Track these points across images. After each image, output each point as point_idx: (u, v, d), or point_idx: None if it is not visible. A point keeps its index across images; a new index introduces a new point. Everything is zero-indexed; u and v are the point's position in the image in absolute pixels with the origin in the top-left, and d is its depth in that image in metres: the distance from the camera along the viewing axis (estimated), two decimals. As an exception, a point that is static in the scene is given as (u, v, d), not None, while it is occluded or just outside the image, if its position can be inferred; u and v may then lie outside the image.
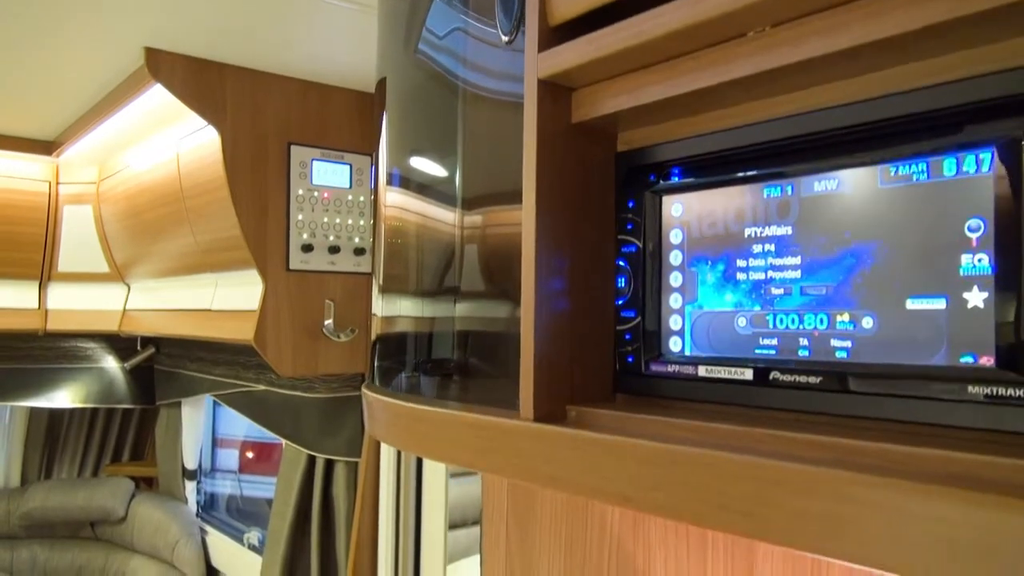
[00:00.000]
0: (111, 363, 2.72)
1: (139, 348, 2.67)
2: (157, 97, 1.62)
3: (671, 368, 0.46)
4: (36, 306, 2.32)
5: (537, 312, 0.51)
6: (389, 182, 0.89)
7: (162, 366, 2.71)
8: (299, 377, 1.94)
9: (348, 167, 1.72)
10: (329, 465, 1.87)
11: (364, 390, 0.73)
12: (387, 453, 1.73)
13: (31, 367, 2.60)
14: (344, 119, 1.70)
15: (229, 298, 1.75)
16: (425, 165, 0.85)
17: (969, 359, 0.35)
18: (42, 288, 2.33)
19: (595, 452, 0.44)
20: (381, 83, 0.95)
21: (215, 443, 4.25)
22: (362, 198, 1.73)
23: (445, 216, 0.77)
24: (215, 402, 4.33)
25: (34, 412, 2.84)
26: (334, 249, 1.68)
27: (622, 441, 0.42)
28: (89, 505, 2.61)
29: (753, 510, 0.36)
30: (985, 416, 0.34)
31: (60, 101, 1.82)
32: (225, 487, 3.03)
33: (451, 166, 0.72)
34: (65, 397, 2.63)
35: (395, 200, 0.74)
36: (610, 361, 0.51)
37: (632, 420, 0.46)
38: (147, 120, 1.87)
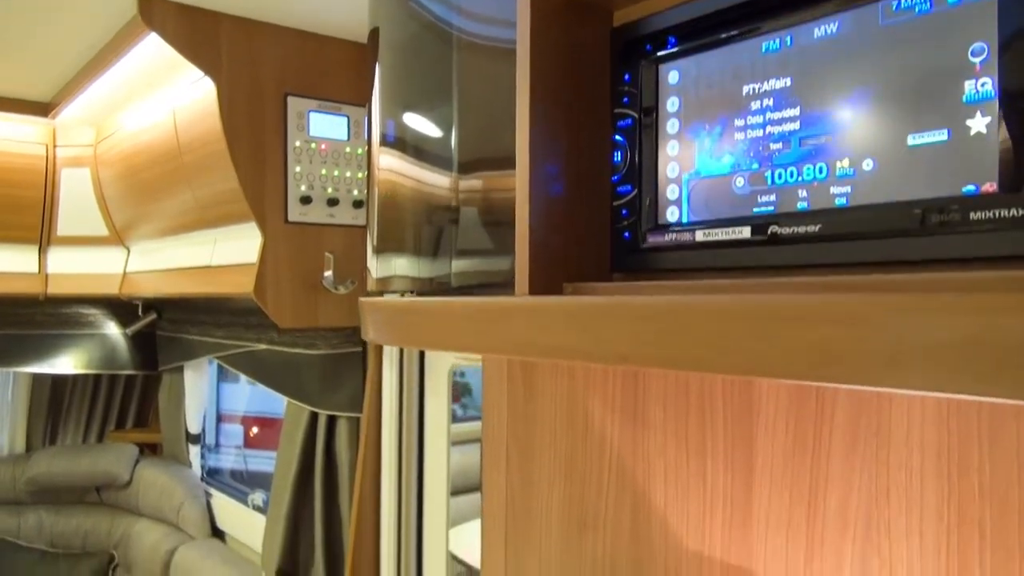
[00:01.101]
0: (113, 329, 2.73)
1: (140, 314, 2.67)
2: (152, 49, 1.60)
3: (669, 237, 0.45)
4: (36, 270, 2.31)
5: (532, 192, 0.50)
6: (383, 138, 0.87)
7: (164, 331, 2.71)
8: (299, 331, 1.94)
9: (346, 119, 1.70)
10: (331, 421, 1.87)
11: (361, 300, 0.73)
12: (389, 407, 1.73)
13: (33, 333, 2.60)
14: (341, 70, 1.69)
15: (228, 253, 1.74)
16: (419, 121, 0.84)
17: (971, 188, 0.34)
18: (42, 252, 2.33)
19: (591, 316, 0.43)
20: (373, 33, 0.93)
21: (219, 418, 4.28)
22: (360, 151, 1.72)
23: (441, 175, 0.76)
24: (219, 379, 4.36)
25: (37, 379, 2.85)
26: (333, 201, 1.67)
27: (618, 301, 0.42)
28: (94, 470, 2.63)
29: (753, 347, 0.35)
30: (987, 243, 0.33)
31: (54, 57, 1.81)
32: (229, 462, 3.05)
33: (446, 120, 0.70)
34: (67, 363, 2.64)
35: (389, 160, 0.73)
36: (607, 240, 0.51)
37: (629, 289, 0.46)
38: (143, 78, 1.86)
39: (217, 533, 2.45)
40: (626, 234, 0.48)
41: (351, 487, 1.79)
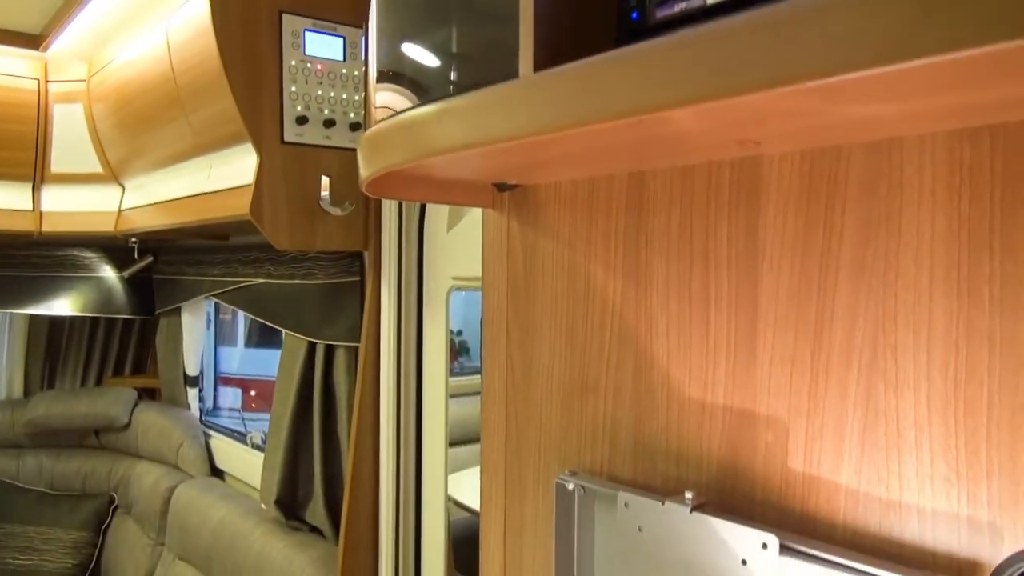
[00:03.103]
0: (109, 273, 2.71)
1: (136, 257, 2.65)
2: (143, -35, 1.57)
3: (679, 8, 0.43)
4: (30, 208, 2.29)
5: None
6: (380, 64, 0.83)
7: (161, 275, 2.70)
8: (297, 262, 1.92)
9: (342, 40, 1.67)
10: (329, 352, 1.87)
11: (358, 137, 0.71)
12: (387, 335, 1.72)
13: (28, 275, 2.59)
14: (337, -11, 1.65)
15: (224, 177, 1.72)
16: (417, 49, 0.81)
17: None
18: (35, 190, 2.31)
19: (599, 73, 0.42)
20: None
21: (217, 382, 4.29)
22: (356, 72, 1.69)
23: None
24: (217, 343, 4.35)
25: (34, 325, 2.84)
26: (329, 123, 1.64)
27: (624, 52, 0.40)
28: (92, 412, 2.63)
29: (754, 60, 0.34)
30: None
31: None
32: (229, 425, 3.05)
33: (445, 46, 0.67)
34: (63, 305, 2.63)
35: (385, 97, 0.70)
36: (612, 26, 0.49)
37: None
38: (134, 5, 1.82)
39: (216, 473, 2.46)
40: (634, 14, 0.46)
41: (349, 416, 1.79)
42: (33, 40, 2.16)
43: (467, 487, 2.21)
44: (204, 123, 1.72)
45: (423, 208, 1.66)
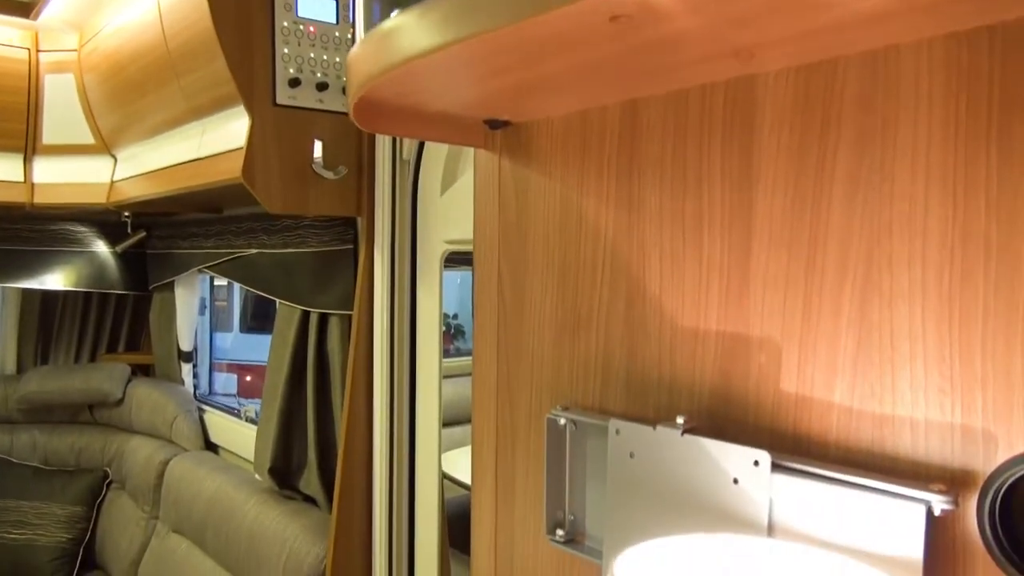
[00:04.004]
0: (102, 247, 2.70)
1: (130, 232, 2.64)
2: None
3: None
4: (22, 179, 2.27)
5: None
6: (367, 25, 0.81)
7: (154, 250, 2.68)
8: (290, 231, 1.91)
9: (335, 1, 1.66)
10: (323, 320, 1.86)
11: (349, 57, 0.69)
12: (380, 302, 1.71)
13: (20, 249, 2.57)
14: (330, -50, 1.63)
15: (216, 142, 1.71)
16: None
17: None
18: (27, 162, 2.29)
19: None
20: None
21: (212, 367, 4.28)
22: (349, 35, 1.67)
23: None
24: (212, 329, 4.34)
25: (26, 300, 2.82)
26: (322, 86, 1.63)
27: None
28: (86, 387, 2.62)
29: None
30: None
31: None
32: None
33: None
34: (56, 280, 2.61)
35: None
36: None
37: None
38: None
39: (211, 448, 2.45)
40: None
41: (343, 384, 1.78)
42: (23, 8, 2.14)
43: (463, 466, 2.20)
44: (196, 87, 1.70)
45: (417, 171, 1.65)
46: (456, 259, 1.83)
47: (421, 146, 1.64)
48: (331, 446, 1.85)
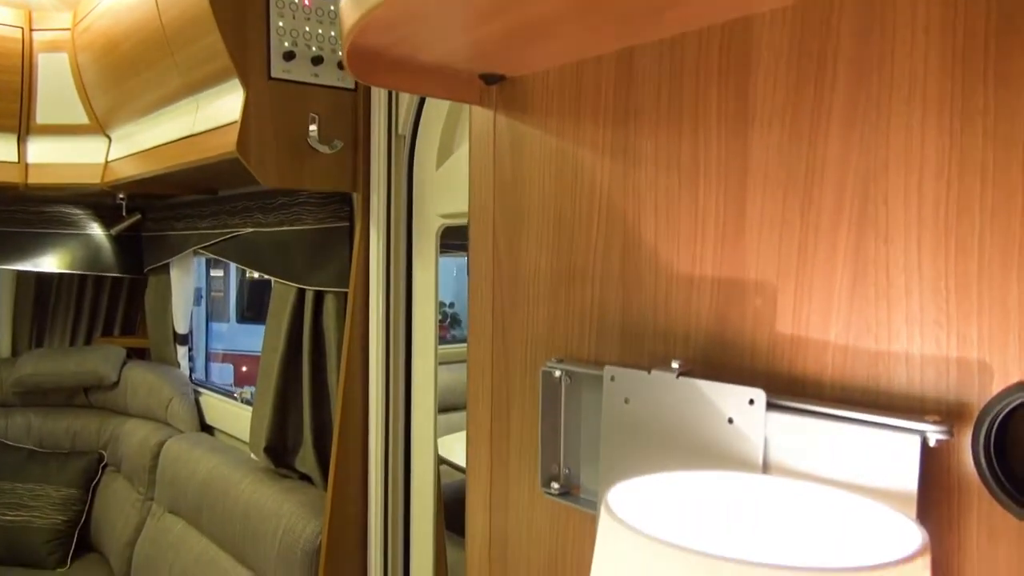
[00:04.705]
0: (97, 230, 2.69)
1: (124, 215, 2.62)
2: None
3: None
4: (16, 159, 2.26)
5: None
6: None
7: (149, 232, 2.67)
8: (285, 208, 1.90)
9: (330, -25, 1.65)
10: (318, 298, 1.85)
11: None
12: (376, 279, 1.70)
13: (14, 231, 2.56)
14: (324, -78, 1.62)
15: (211, 116, 1.70)
16: None
17: None
18: (20, 142, 2.27)
19: None
20: None
21: (208, 357, 4.27)
22: (345, 9, 1.66)
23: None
24: (208, 319, 4.32)
25: (21, 284, 2.81)
26: (317, 60, 1.62)
27: None
28: (81, 370, 2.61)
29: None
30: None
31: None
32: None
33: None
34: (51, 262, 2.60)
35: None
36: None
37: None
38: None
39: (207, 430, 2.45)
40: None
41: (338, 361, 1.78)
42: (16, -15, 2.12)
43: (460, 451, 2.20)
44: (190, 62, 1.69)
45: (413, 146, 1.64)
46: (453, 245, 1.83)
47: (417, 120, 1.63)
48: (327, 424, 1.84)
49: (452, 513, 1.73)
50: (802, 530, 0.50)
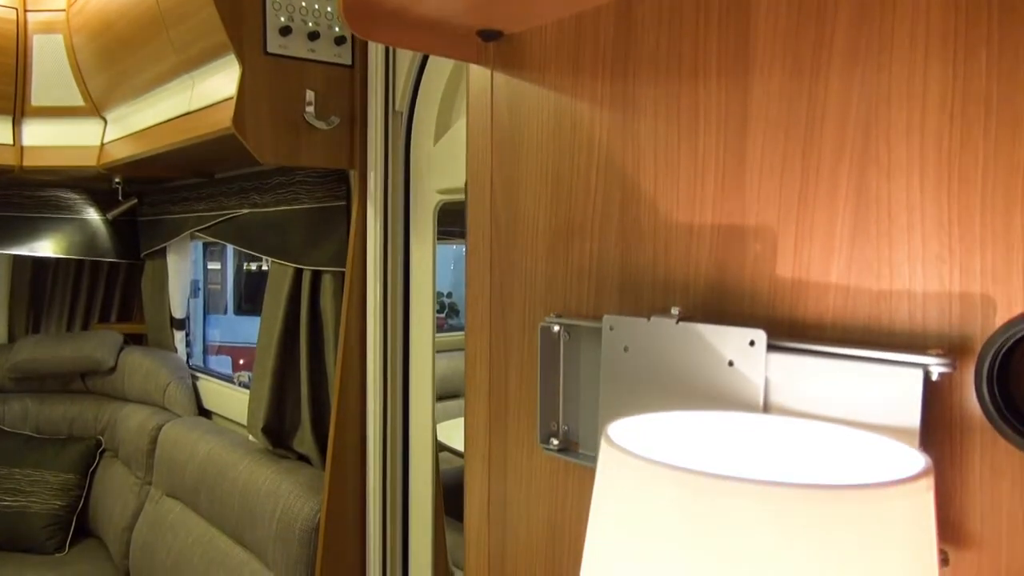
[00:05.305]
0: (93, 215, 2.68)
1: (121, 199, 2.61)
2: None
3: None
4: (11, 141, 2.25)
5: None
6: None
7: (146, 216, 2.66)
8: (282, 187, 1.89)
9: (326, -50, 1.63)
10: (316, 278, 1.84)
11: None
12: (373, 257, 1.69)
13: (10, 215, 2.54)
14: None
15: (206, 94, 1.69)
16: None
17: None
18: (16, 124, 2.26)
19: None
20: None
21: (206, 349, 4.24)
22: (342, -16, 1.65)
23: None
24: (206, 311, 4.30)
25: (17, 269, 2.80)
26: (313, 35, 1.61)
27: None
28: (78, 356, 2.60)
29: None
30: None
31: None
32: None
33: None
34: (47, 247, 2.59)
35: None
36: None
37: None
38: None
39: (204, 415, 2.44)
40: None
41: (336, 341, 1.77)
42: (10, -34, 2.11)
43: (459, 438, 2.19)
44: (185, 38, 1.68)
45: (410, 120, 1.63)
46: (451, 232, 1.82)
47: (414, 96, 1.62)
48: (324, 404, 1.84)
49: (451, 500, 1.72)
50: (804, 464, 0.50)
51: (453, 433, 2.15)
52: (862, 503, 0.37)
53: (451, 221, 1.70)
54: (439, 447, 1.75)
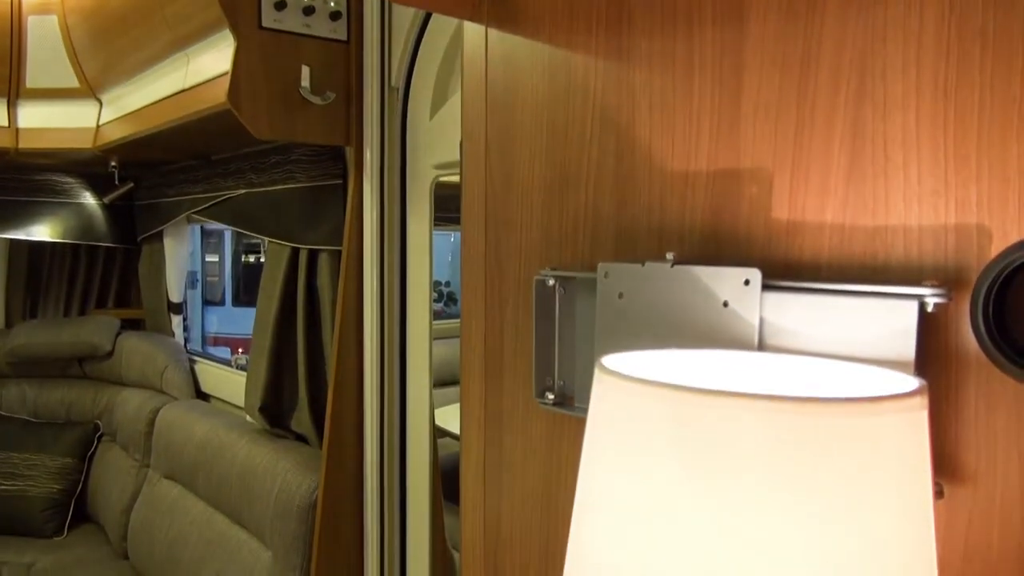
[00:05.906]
0: (89, 199, 2.67)
1: (117, 183, 2.60)
2: None
3: None
4: (6, 124, 2.24)
5: None
6: None
7: (142, 200, 2.65)
8: (278, 167, 1.89)
9: (321, -76, 1.62)
10: (312, 257, 1.84)
11: None
12: (370, 234, 1.69)
13: (6, 199, 2.53)
14: None
15: (201, 70, 1.68)
16: None
17: None
18: (11, 106, 2.25)
19: None
20: None
21: (205, 341, 4.24)
22: (337, -41, 1.64)
23: None
24: (204, 304, 4.29)
25: (14, 255, 2.79)
26: (309, 10, 1.60)
27: None
28: (76, 341, 2.59)
29: None
30: None
31: None
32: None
33: None
34: (43, 231, 2.58)
35: None
36: None
37: None
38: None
39: (202, 398, 2.44)
40: None
41: (333, 319, 1.77)
42: (4, -54, 2.10)
43: (457, 423, 2.19)
44: (180, 14, 1.67)
45: (406, 95, 1.63)
46: (447, 218, 1.81)
47: (411, 71, 1.62)
48: (322, 383, 1.84)
49: (450, 485, 1.72)
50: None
51: (453, 418, 2.15)
52: (855, 416, 0.37)
53: (449, 207, 1.70)
54: (439, 432, 1.75)
